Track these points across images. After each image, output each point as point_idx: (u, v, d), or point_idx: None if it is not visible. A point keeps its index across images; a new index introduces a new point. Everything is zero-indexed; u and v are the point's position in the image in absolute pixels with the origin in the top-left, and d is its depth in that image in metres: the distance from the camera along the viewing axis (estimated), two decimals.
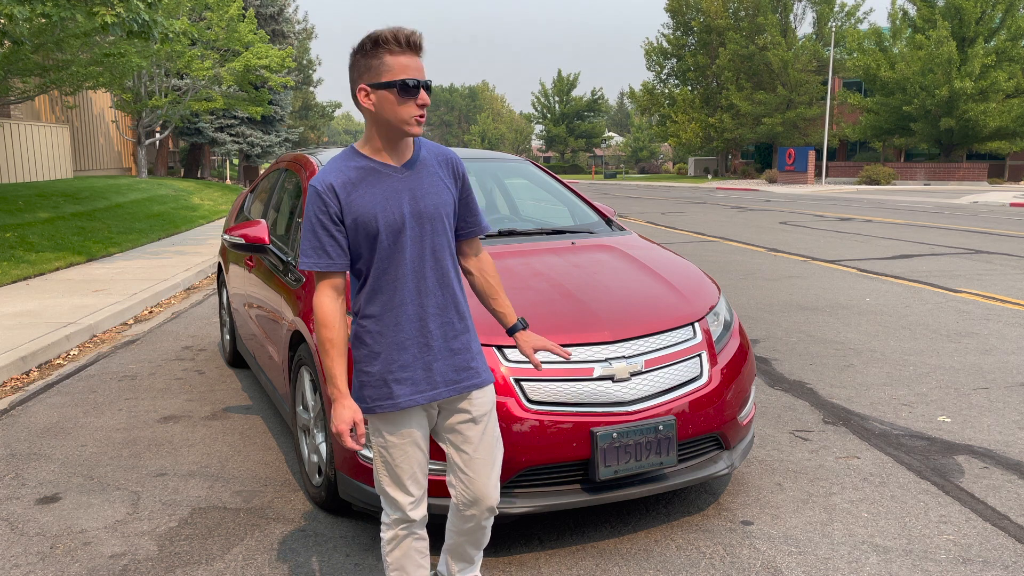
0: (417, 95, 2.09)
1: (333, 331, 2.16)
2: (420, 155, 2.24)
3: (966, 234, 14.60)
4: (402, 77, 2.07)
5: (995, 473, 3.78)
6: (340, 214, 2.14)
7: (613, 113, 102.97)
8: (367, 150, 2.20)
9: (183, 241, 13.71)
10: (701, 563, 2.99)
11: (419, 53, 2.11)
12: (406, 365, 2.19)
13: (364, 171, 2.17)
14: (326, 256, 2.15)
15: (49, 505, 3.56)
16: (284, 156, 5.38)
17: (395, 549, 2.36)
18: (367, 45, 2.09)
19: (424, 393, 2.22)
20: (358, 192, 2.14)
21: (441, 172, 2.26)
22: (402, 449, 2.25)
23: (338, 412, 2.14)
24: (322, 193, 2.14)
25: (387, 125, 2.14)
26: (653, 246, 4.25)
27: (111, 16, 9.77)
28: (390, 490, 2.29)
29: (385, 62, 2.08)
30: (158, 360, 6.16)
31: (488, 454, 2.33)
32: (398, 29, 2.08)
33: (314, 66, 48.98)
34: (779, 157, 43.07)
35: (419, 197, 2.19)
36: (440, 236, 2.22)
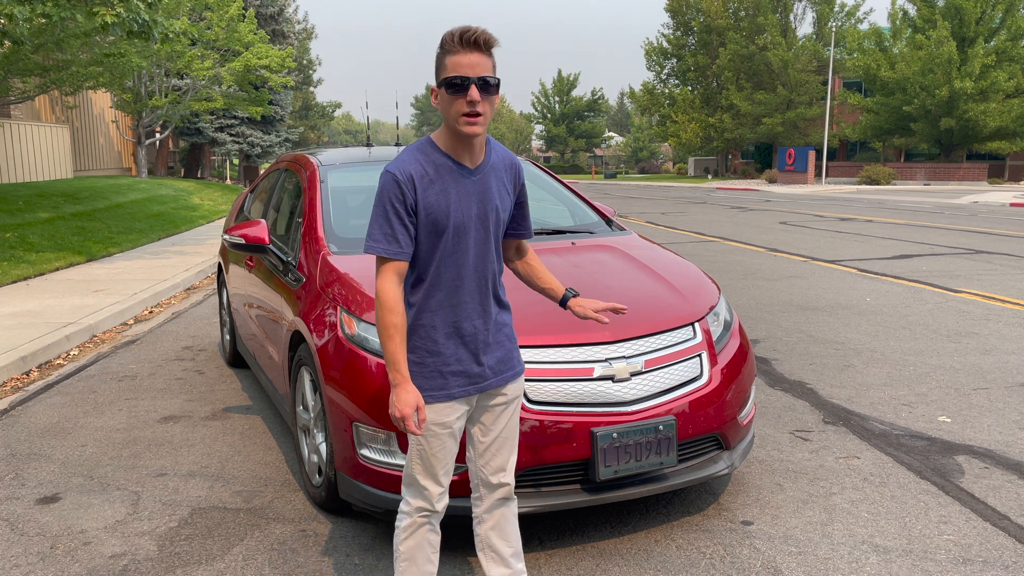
0: (466, 92, 2.10)
1: (398, 316, 2.19)
2: (491, 159, 2.30)
3: (966, 234, 14.60)
4: (451, 75, 2.11)
5: (995, 473, 3.78)
6: (414, 205, 2.18)
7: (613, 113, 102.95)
8: (444, 146, 2.24)
9: (183, 241, 13.71)
10: (701, 563, 2.99)
11: (478, 50, 2.11)
12: (462, 359, 2.28)
13: (441, 168, 2.22)
14: (396, 243, 2.19)
15: (49, 505, 3.56)
16: (284, 156, 5.38)
17: (409, 538, 2.39)
18: (437, 48, 2.17)
19: (477, 384, 2.31)
20: (433, 188, 2.19)
21: (505, 178, 2.34)
22: (440, 440, 2.31)
23: (402, 397, 2.18)
24: (401, 182, 2.17)
25: (447, 123, 2.20)
26: (653, 246, 4.25)
27: (111, 16, 9.77)
28: (421, 479, 2.34)
29: (444, 62, 2.14)
30: (158, 360, 6.15)
31: (512, 434, 2.45)
32: (457, 28, 2.13)
33: (314, 66, 48.97)
34: (779, 157, 43.06)
35: (486, 201, 2.26)
36: (497, 239, 2.33)
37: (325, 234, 3.86)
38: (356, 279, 3.39)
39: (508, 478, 2.46)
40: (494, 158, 2.31)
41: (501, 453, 2.44)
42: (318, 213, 4.01)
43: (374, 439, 3.00)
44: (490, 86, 2.13)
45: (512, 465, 2.47)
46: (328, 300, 3.38)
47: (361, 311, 3.16)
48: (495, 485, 2.45)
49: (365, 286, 3.31)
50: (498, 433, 2.42)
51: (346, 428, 3.07)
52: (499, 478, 2.45)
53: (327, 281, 3.50)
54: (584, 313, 2.54)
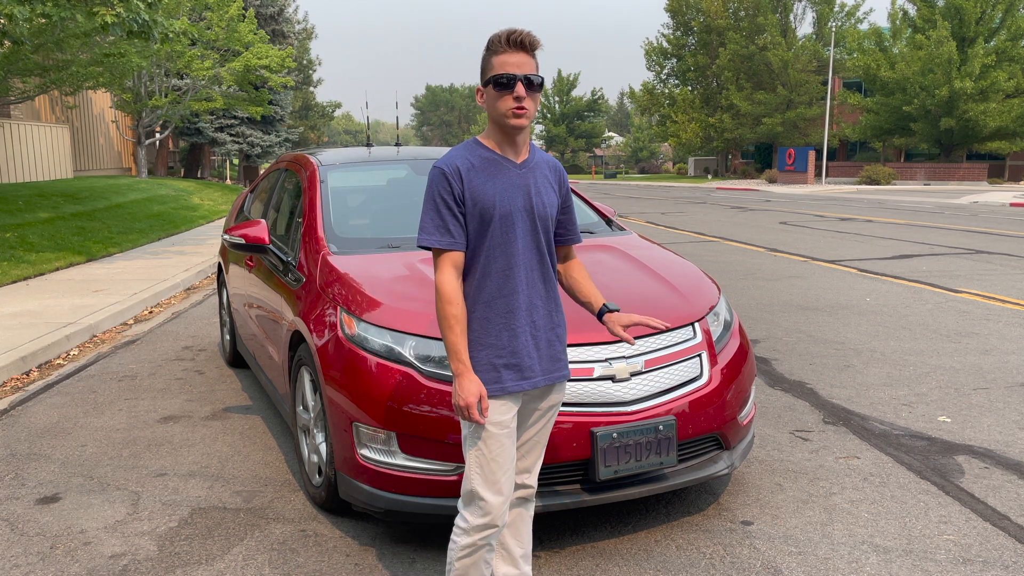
0: (512, 89, 2.19)
1: (457, 307, 2.22)
2: (535, 158, 2.38)
3: (966, 234, 14.60)
4: (499, 72, 2.20)
5: (995, 473, 3.78)
6: (462, 195, 2.24)
7: (613, 113, 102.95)
8: (489, 143, 2.32)
9: (183, 241, 13.71)
10: (701, 563, 2.99)
11: (524, 50, 2.21)
12: (515, 352, 2.27)
13: (487, 161, 2.28)
14: (448, 234, 2.23)
15: (49, 505, 3.56)
16: (284, 156, 5.38)
17: (467, 557, 2.31)
18: (484, 50, 2.26)
19: (530, 380, 2.30)
20: (480, 179, 2.26)
21: (550, 176, 2.39)
22: (499, 441, 2.26)
23: (465, 386, 2.18)
24: (448, 175, 2.24)
25: (493, 119, 2.28)
26: (653, 246, 4.25)
27: (111, 16, 9.77)
28: (482, 490, 2.26)
29: (490, 62, 2.24)
30: (158, 360, 6.15)
31: (544, 439, 2.47)
32: (503, 30, 2.23)
33: (314, 66, 48.97)
34: (779, 157, 43.06)
35: (532, 194, 2.31)
36: (546, 233, 2.34)
37: (325, 234, 3.86)
38: (356, 279, 3.39)
39: (532, 480, 2.48)
40: (539, 157, 2.40)
41: (531, 455, 2.46)
42: (318, 213, 4.01)
43: (374, 439, 3.00)
44: (534, 84, 2.22)
45: (538, 468, 2.49)
46: (328, 300, 3.38)
47: (361, 311, 3.16)
48: (519, 485, 2.47)
49: (365, 286, 3.31)
50: (532, 435, 2.43)
51: (346, 428, 3.07)
52: (523, 479, 2.46)
53: (327, 281, 3.50)
54: (613, 328, 2.47)
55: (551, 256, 2.38)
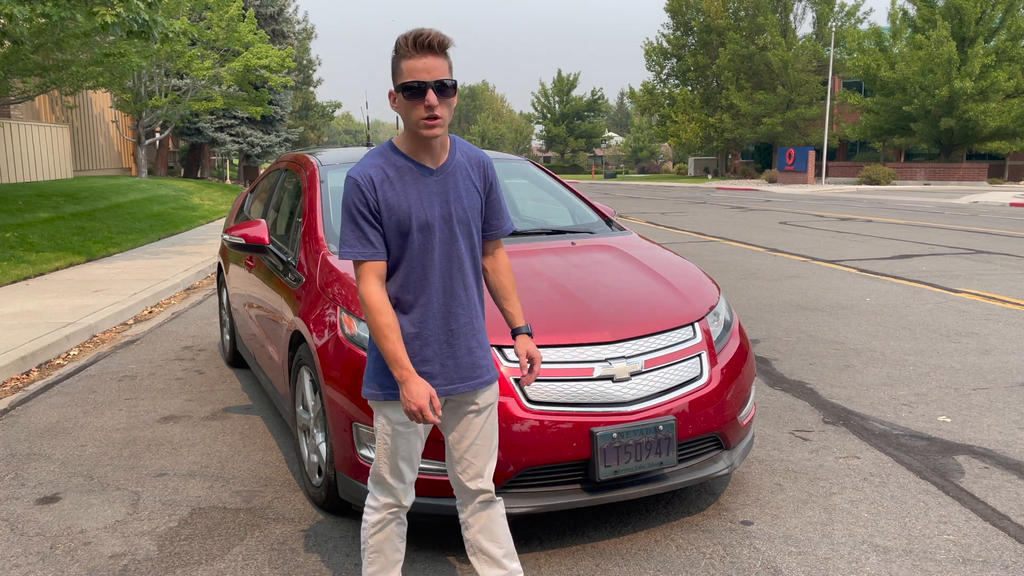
0: (423, 97, 2.11)
1: (388, 316, 2.20)
2: (455, 158, 2.30)
3: (966, 234, 14.60)
4: (408, 80, 2.11)
5: (995, 473, 3.78)
6: (377, 206, 2.20)
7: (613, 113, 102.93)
8: (404, 149, 2.26)
9: (183, 241, 13.71)
10: (701, 563, 2.99)
11: (432, 53, 2.12)
12: (428, 359, 2.27)
13: (401, 170, 2.23)
14: (370, 245, 2.21)
15: (49, 505, 3.56)
16: (284, 156, 5.38)
17: (379, 532, 2.43)
18: (392, 52, 2.17)
19: (440, 387, 2.29)
20: (394, 190, 2.21)
21: (473, 175, 2.32)
22: (406, 438, 2.33)
23: (413, 390, 2.18)
24: (362, 186, 2.19)
25: (406, 126, 2.22)
26: (653, 246, 4.25)
27: (111, 16, 9.77)
28: (387, 476, 2.37)
29: (400, 67, 2.14)
30: (158, 360, 6.15)
31: (488, 441, 2.43)
32: (410, 32, 2.13)
33: (314, 66, 48.95)
34: (779, 157, 43.06)
35: (451, 200, 2.26)
36: (467, 238, 2.30)
37: (325, 234, 3.86)
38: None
39: (486, 484, 2.44)
40: (459, 156, 2.31)
41: (477, 460, 2.42)
42: (318, 213, 4.01)
43: (374, 439, 2.99)
44: (447, 88, 2.14)
45: (490, 471, 2.45)
46: (328, 300, 3.38)
47: (361, 311, 3.16)
48: (474, 491, 2.44)
49: None
50: (472, 440, 2.40)
51: (346, 428, 3.07)
52: (477, 484, 2.43)
53: (327, 281, 3.50)
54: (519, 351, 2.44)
55: (474, 260, 2.34)
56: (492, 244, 2.47)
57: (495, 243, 2.47)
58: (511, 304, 2.49)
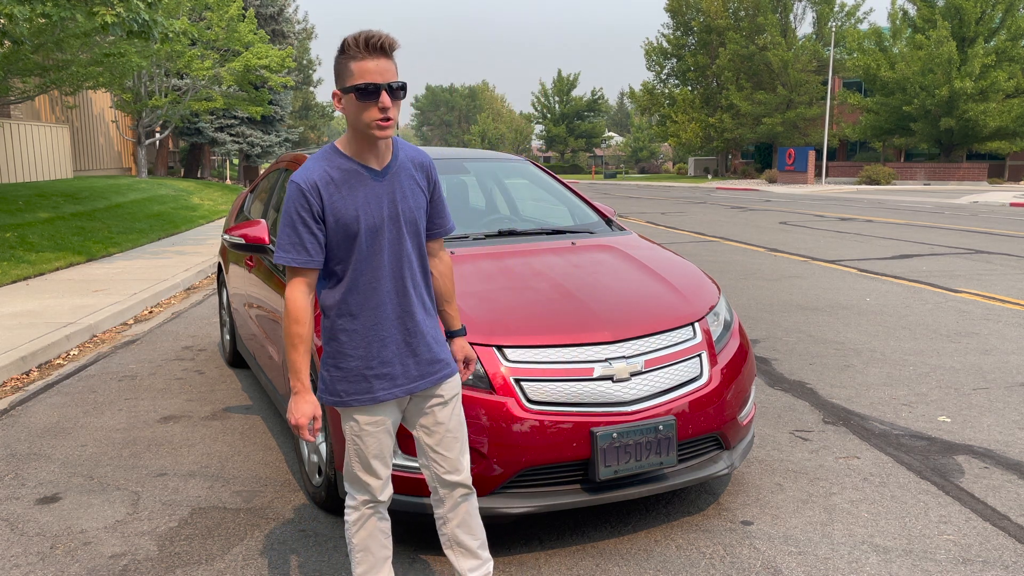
0: (377, 99, 2.11)
1: (304, 327, 2.22)
2: (399, 158, 2.31)
3: (966, 234, 14.60)
4: (361, 81, 2.11)
5: (995, 473, 3.78)
6: (322, 212, 2.19)
7: (613, 113, 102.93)
8: (348, 151, 2.25)
9: (183, 241, 13.71)
10: (701, 563, 2.99)
11: (384, 55, 2.12)
12: (385, 361, 2.28)
13: (346, 173, 2.22)
14: (304, 252, 2.20)
15: (49, 505, 3.56)
16: (284, 156, 5.38)
17: (360, 529, 2.43)
18: (337, 52, 2.15)
19: (402, 387, 2.32)
20: (340, 194, 2.20)
21: (417, 175, 2.34)
22: (375, 436, 2.34)
23: (299, 406, 2.22)
24: (306, 191, 2.18)
25: (355, 128, 2.20)
26: (653, 246, 4.25)
27: (111, 16, 9.77)
28: (361, 475, 2.38)
29: (349, 67, 2.12)
30: (158, 360, 6.15)
31: (458, 431, 2.45)
32: (360, 33, 2.12)
33: (314, 66, 48.99)
34: (779, 157, 43.06)
35: (398, 200, 2.27)
36: (415, 237, 2.32)
37: None
38: None
39: (463, 476, 2.46)
40: (402, 157, 2.32)
41: (451, 451, 2.43)
42: None
43: None
44: (398, 92, 2.16)
45: (466, 463, 2.47)
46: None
47: None
48: (452, 484, 2.46)
49: None
50: (443, 433, 2.42)
51: None
52: (453, 477, 2.45)
53: None
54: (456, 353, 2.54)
55: (422, 259, 2.36)
56: (435, 244, 2.49)
57: (438, 243, 2.49)
58: (452, 307, 2.55)
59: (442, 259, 2.52)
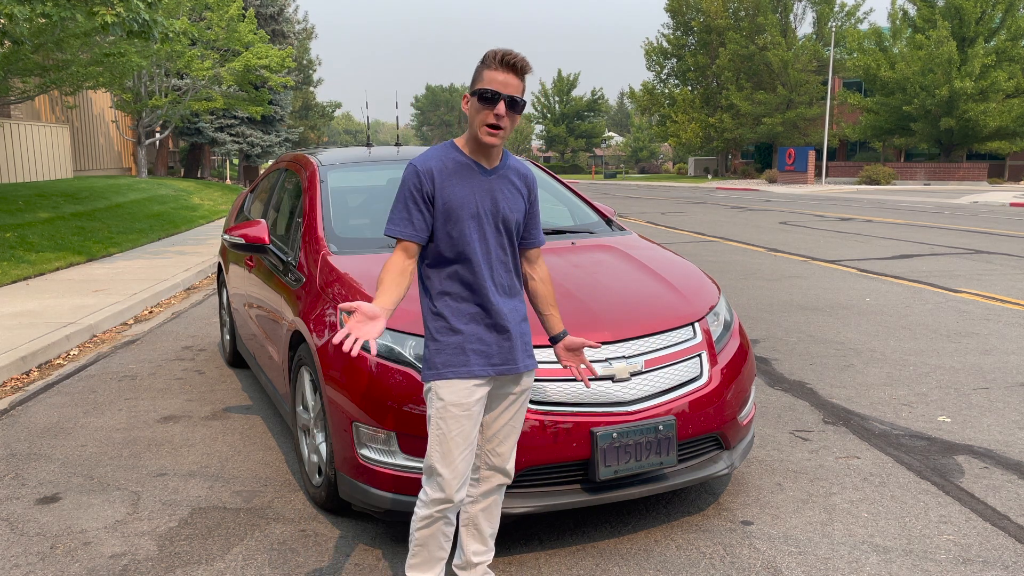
0: (495, 105, 2.32)
1: (386, 273, 2.37)
2: (507, 164, 2.53)
3: (966, 234, 14.60)
4: (485, 87, 2.33)
5: (995, 473, 3.78)
6: (432, 195, 2.40)
7: (613, 113, 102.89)
8: (465, 148, 2.46)
9: (183, 241, 13.71)
10: (701, 563, 2.99)
11: (513, 72, 2.33)
12: (484, 339, 2.43)
13: (460, 165, 2.44)
14: (411, 226, 2.40)
15: (49, 505, 3.56)
16: (284, 156, 5.38)
17: (425, 528, 2.51)
18: (479, 61, 2.39)
19: (497, 366, 2.44)
20: (451, 181, 2.41)
21: (519, 184, 2.53)
22: (460, 421, 2.40)
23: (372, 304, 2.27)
24: (421, 172, 2.40)
25: (471, 128, 2.42)
26: (653, 246, 4.25)
27: (111, 16, 9.77)
28: (439, 466, 2.42)
29: (481, 74, 2.36)
30: (158, 360, 6.15)
31: (518, 425, 2.60)
32: (500, 49, 2.36)
33: (314, 66, 48.94)
34: (779, 157, 43.06)
35: (499, 199, 2.46)
36: (509, 235, 2.50)
37: (325, 234, 3.86)
38: (356, 279, 3.39)
39: (510, 466, 2.61)
40: (510, 164, 2.53)
41: (507, 441, 2.58)
42: (318, 213, 4.01)
43: (374, 439, 3.00)
44: (516, 105, 2.36)
45: (513, 456, 2.62)
46: (328, 300, 3.38)
47: None
48: (497, 469, 2.60)
49: (365, 286, 3.31)
50: (507, 421, 2.56)
51: (346, 428, 3.07)
52: (502, 464, 2.59)
53: (327, 281, 3.50)
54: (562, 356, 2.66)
55: (515, 255, 2.55)
56: (533, 252, 2.65)
57: (535, 252, 2.65)
58: (554, 310, 2.68)
59: (541, 266, 2.67)
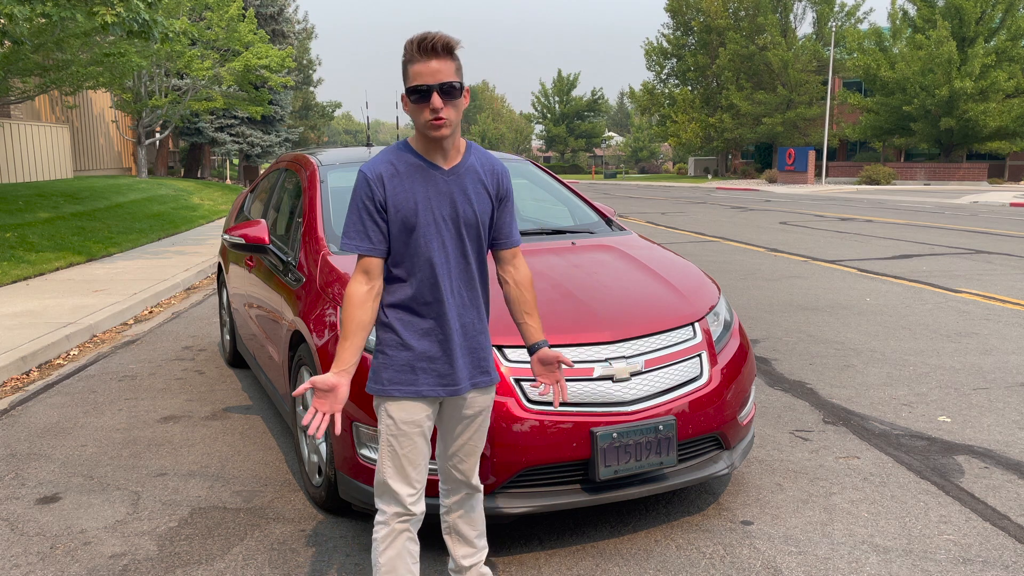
0: (429, 100, 2.15)
1: (347, 313, 2.23)
2: (468, 161, 2.32)
3: (966, 234, 14.60)
4: (413, 84, 2.16)
5: (995, 473, 3.78)
6: (384, 202, 2.24)
7: (613, 113, 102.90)
8: (417, 148, 2.29)
9: (183, 241, 13.71)
10: (701, 563, 2.99)
11: (437, 56, 2.15)
12: (434, 357, 2.28)
13: (412, 167, 2.27)
14: (367, 240, 2.24)
15: (49, 505, 3.56)
16: (284, 156, 5.38)
17: (389, 548, 2.35)
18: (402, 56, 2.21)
19: (447, 387, 2.30)
20: (403, 185, 2.24)
21: (486, 179, 2.34)
22: (411, 440, 2.31)
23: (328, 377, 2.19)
24: (371, 180, 2.24)
25: (417, 128, 2.26)
26: (653, 246, 4.25)
27: (111, 16, 9.77)
28: (392, 482, 2.33)
29: (407, 71, 2.19)
30: (158, 360, 6.15)
31: (479, 441, 2.48)
32: (416, 36, 2.17)
33: (314, 66, 48.94)
34: (779, 157, 43.05)
35: (459, 202, 2.27)
36: (475, 242, 2.32)
37: (325, 234, 3.86)
38: None
39: (475, 481, 2.54)
40: (472, 160, 2.33)
41: (469, 460, 2.49)
42: (318, 213, 4.01)
43: (374, 439, 3.00)
44: (453, 91, 2.17)
45: (476, 471, 2.53)
46: (328, 300, 3.38)
47: None
48: (463, 483, 2.52)
49: None
50: (466, 441, 2.45)
51: (346, 428, 3.07)
52: (467, 478, 2.52)
53: (327, 281, 3.50)
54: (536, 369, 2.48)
55: (480, 263, 2.36)
56: (508, 254, 2.45)
57: (510, 252, 2.45)
58: (532, 318, 2.47)
59: (519, 268, 2.46)
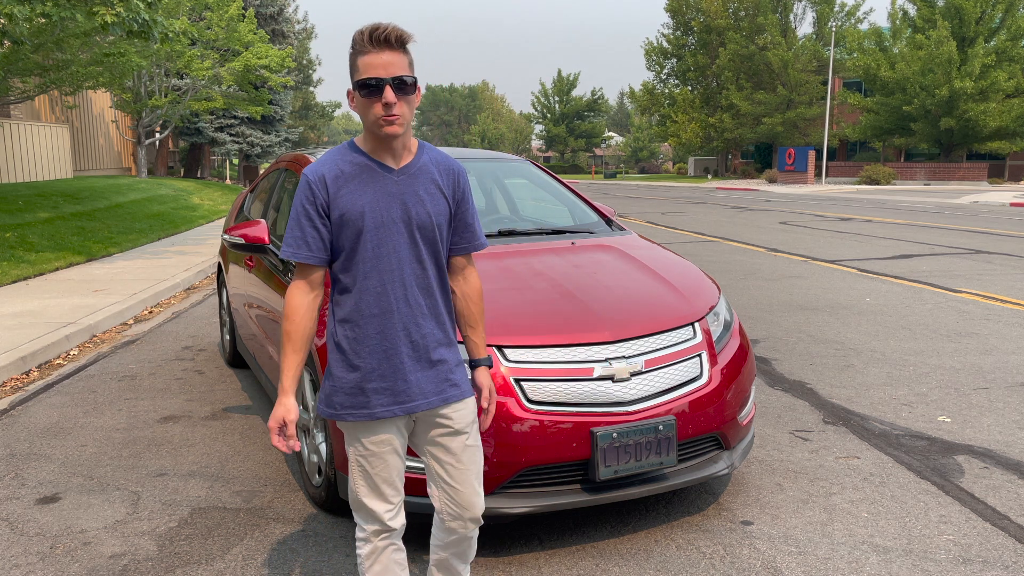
0: (381, 94, 2.00)
1: (294, 325, 2.13)
2: (421, 161, 2.17)
3: (966, 234, 14.60)
4: (364, 76, 2.01)
5: (995, 473, 3.78)
6: (327, 207, 2.09)
7: (613, 113, 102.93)
8: (365, 147, 2.14)
9: (183, 241, 13.71)
10: (701, 563, 2.99)
11: (390, 48, 2.01)
12: (385, 375, 2.12)
13: (359, 167, 2.11)
14: (306, 247, 2.10)
15: (49, 505, 3.56)
16: (284, 156, 5.38)
17: (375, 564, 2.24)
18: (349, 48, 2.06)
19: (403, 404, 2.13)
20: (349, 187, 2.08)
21: (441, 180, 2.18)
22: (381, 458, 2.17)
23: (275, 409, 2.12)
24: (312, 183, 2.09)
25: (365, 125, 2.10)
26: (653, 246, 4.25)
27: (111, 16, 9.77)
28: (368, 500, 2.20)
29: (356, 63, 2.04)
30: (158, 360, 6.15)
31: (472, 464, 2.24)
32: (366, 26, 2.02)
33: (314, 66, 48.97)
34: (779, 157, 43.06)
35: (411, 203, 2.12)
36: (428, 245, 2.15)
37: None
38: None
39: (474, 513, 2.25)
40: (425, 159, 2.17)
41: (463, 485, 2.22)
42: None
43: None
44: (407, 85, 2.03)
45: (477, 500, 2.25)
46: (327, 300, 3.37)
47: None
48: (461, 519, 2.25)
49: None
50: (453, 464, 2.21)
51: None
52: (464, 513, 2.24)
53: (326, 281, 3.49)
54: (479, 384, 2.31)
55: (438, 268, 2.18)
56: (461, 260, 2.28)
57: (464, 259, 2.28)
58: (476, 334, 2.32)
59: (468, 278, 2.29)
